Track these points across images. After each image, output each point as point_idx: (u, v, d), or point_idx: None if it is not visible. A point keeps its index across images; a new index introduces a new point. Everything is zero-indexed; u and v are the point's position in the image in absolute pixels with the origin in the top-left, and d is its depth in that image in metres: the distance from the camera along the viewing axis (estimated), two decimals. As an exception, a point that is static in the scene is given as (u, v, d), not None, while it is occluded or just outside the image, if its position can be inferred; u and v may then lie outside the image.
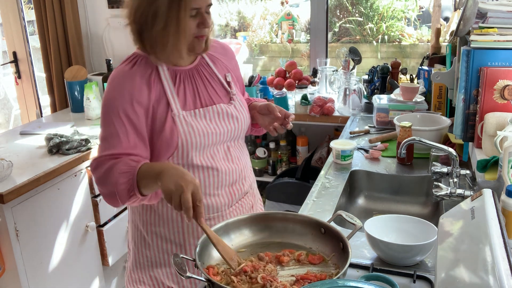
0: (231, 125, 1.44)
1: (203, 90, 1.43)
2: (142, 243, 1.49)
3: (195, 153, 1.37)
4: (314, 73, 3.12)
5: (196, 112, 1.39)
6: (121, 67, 1.37)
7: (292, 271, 1.13)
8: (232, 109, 1.45)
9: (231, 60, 1.57)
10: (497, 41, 1.42)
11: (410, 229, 1.29)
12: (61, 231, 2.23)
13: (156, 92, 1.35)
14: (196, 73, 1.44)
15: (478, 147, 1.48)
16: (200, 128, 1.37)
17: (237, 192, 1.49)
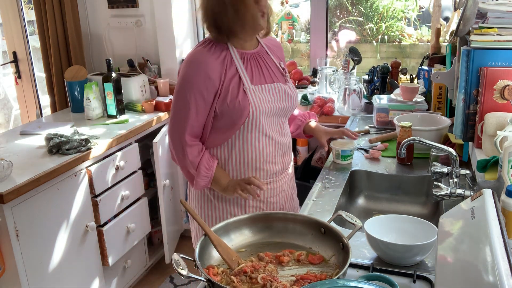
0: (286, 102, 1.69)
1: (266, 70, 1.68)
2: (209, 205, 1.74)
3: (264, 121, 1.63)
4: (314, 73, 3.12)
5: (262, 87, 1.64)
6: (199, 49, 1.61)
7: (292, 271, 1.13)
8: (288, 89, 1.70)
9: (280, 51, 1.81)
10: (497, 41, 1.42)
11: (410, 229, 1.29)
12: (61, 231, 2.23)
13: (231, 70, 1.60)
14: (258, 56, 1.68)
15: (478, 147, 1.48)
16: (267, 100, 1.63)
17: (286, 162, 1.77)
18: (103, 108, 2.88)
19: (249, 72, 1.63)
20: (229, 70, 1.59)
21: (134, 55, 3.24)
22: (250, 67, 1.64)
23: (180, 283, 2.90)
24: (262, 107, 1.61)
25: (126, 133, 2.59)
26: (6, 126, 4.81)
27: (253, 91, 1.61)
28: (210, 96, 1.58)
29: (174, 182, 2.93)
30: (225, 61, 1.59)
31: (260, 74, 1.65)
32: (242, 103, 1.58)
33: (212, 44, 1.62)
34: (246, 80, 1.61)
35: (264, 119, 1.63)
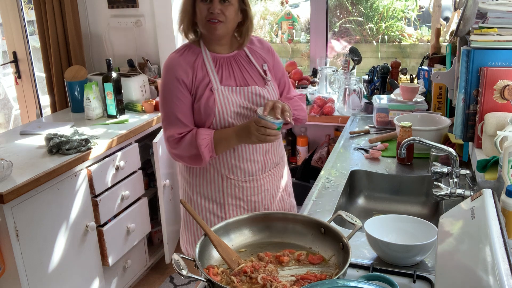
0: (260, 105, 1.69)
1: (239, 74, 1.70)
2: (189, 202, 1.79)
3: (231, 120, 1.65)
4: (314, 73, 3.12)
5: (232, 88, 1.67)
6: (171, 56, 1.71)
7: (292, 271, 1.13)
8: (265, 92, 1.71)
9: (268, 53, 1.81)
10: (497, 41, 1.42)
11: (410, 229, 1.29)
12: (61, 231, 2.23)
13: (200, 73, 1.66)
14: (233, 60, 1.72)
15: (478, 147, 1.48)
16: (235, 100, 1.65)
17: (270, 160, 1.77)
18: (103, 108, 2.88)
19: (219, 74, 1.68)
20: (200, 72, 1.66)
21: (134, 55, 3.24)
22: (221, 70, 1.69)
23: (180, 283, 2.90)
24: (230, 108, 1.64)
25: (126, 133, 2.59)
26: (6, 126, 4.81)
27: (221, 92, 1.65)
28: (187, 97, 1.66)
29: (174, 182, 2.93)
30: (196, 63, 1.67)
31: (231, 77, 1.69)
32: (208, 103, 1.64)
33: (186, 49, 1.71)
34: (215, 81, 1.66)
35: (235, 118, 1.66)
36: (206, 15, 1.60)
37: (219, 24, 1.61)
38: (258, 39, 1.84)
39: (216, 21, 1.60)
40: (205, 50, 1.70)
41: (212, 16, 1.59)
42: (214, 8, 1.59)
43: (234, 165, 1.71)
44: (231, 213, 1.76)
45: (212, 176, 1.74)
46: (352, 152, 2.11)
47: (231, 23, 1.64)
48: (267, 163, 1.77)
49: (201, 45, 1.71)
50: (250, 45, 1.78)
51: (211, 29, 1.62)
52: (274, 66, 1.81)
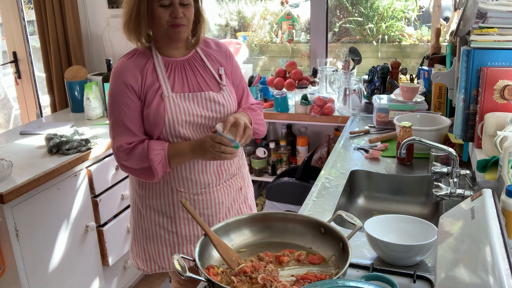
0: (217, 112, 1.61)
1: (192, 79, 1.62)
2: (139, 215, 1.71)
3: (182, 130, 1.56)
4: (314, 73, 3.12)
5: (184, 95, 1.58)
6: (119, 61, 1.61)
7: (292, 271, 1.13)
8: (220, 97, 1.62)
9: (225, 57, 1.71)
10: (497, 41, 1.42)
11: (410, 229, 1.29)
12: (61, 231, 2.23)
13: (150, 78, 1.57)
14: (187, 64, 1.63)
15: (478, 147, 1.48)
16: (186, 108, 1.56)
17: (225, 172, 1.68)
18: (103, 108, 2.88)
19: (171, 80, 1.59)
20: (149, 78, 1.57)
21: (134, 55, 3.24)
22: (173, 75, 1.60)
23: (180, 283, 2.90)
24: (181, 116, 1.55)
25: (126, 133, 2.59)
26: (6, 126, 4.81)
27: (173, 99, 1.56)
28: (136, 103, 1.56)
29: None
30: (146, 68, 1.57)
31: (184, 82, 1.60)
32: (158, 110, 1.54)
33: (136, 53, 1.61)
34: (166, 87, 1.57)
35: (186, 128, 1.57)
36: (168, 20, 1.51)
37: (182, 28, 1.53)
38: (215, 42, 1.74)
39: (179, 25, 1.52)
40: (156, 54, 1.60)
41: (175, 21, 1.51)
42: (177, 12, 1.50)
43: (184, 177, 1.62)
44: (182, 227, 1.67)
45: (161, 188, 1.64)
46: (352, 152, 2.11)
47: (191, 25, 1.58)
48: (221, 175, 1.67)
49: (152, 49, 1.60)
50: (206, 47, 1.69)
51: (174, 34, 1.53)
52: (232, 72, 1.72)
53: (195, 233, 1.68)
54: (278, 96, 2.88)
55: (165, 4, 1.50)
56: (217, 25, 3.83)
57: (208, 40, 1.73)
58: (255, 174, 3.15)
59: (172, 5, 1.51)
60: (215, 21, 3.78)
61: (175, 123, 1.55)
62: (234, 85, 1.72)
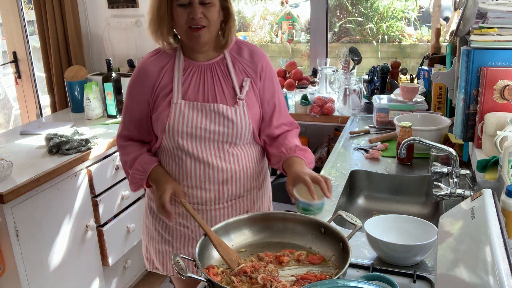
0: (225, 127, 1.48)
1: (210, 86, 1.50)
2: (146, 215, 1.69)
3: (182, 141, 1.47)
4: (314, 73, 3.12)
5: (194, 104, 1.47)
6: (145, 57, 1.56)
7: (292, 271, 1.13)
8: (232, 112, 1.48)
9: (256, 69, 1.55)
10: (497, 41, 1.42)
11: (410, 229, 1.29)
12: (61, 231, 2.23)
13: (165, 80, 1.50)
14: (208, 69, 1.51)
15: (478, 147, 1.48)
16: (190, 118, 1.46)
17: (227, 192, 1.53)
18: (103, 108, 2.88)
19: (186, 85, 1.49)
20: (165, 79, 1.50)
21: (134, 55, 3.24)
22: (190, 80, 1.50)
23: (180, 283, 2.90)
24: (182, 127, 1.46)
25: (126, 133, 2.59)
26: (6, 126, 4.81)
27: (179, 108, 1.47)
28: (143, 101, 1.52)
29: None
30: (164, 69, 1.51)
31: (199, 89, 1.49)
32: (162, 117, 1.48)
33: (160, 51, 1.54)
34: (177, 93, 1.48)
35: (187, 139, 1.47)
36: (187, 21, 1.41)
37: (202, 30, 1.41)
38: (251, 50, 1.57)
39: (199, 27, 1.41)
40: (179, 56, 1.52)
41: (193, 21, 1.40)
42: (195, 12, 1.39)
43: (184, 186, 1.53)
44: (178, 239, 1.60)
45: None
46: (352, 152, 2.11)
47: (214, 26, 1.45)
48: (223, 195, 1.53)
49: (177, 49, 1.52)
50: (237, 54, 1.55)
51: (193, 37, 1.43)
52: (264, 86, 1.56)
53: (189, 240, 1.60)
54: (278, 96, 2.88)
55: (184, 3, 1.40)
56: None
57: (243, 47, 1.57)
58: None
59: (191, 4, 1.40)
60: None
61: (175, 133, 1.47)
62: (264, 101, 1.57)
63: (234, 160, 1.51)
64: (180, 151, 1.49)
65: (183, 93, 1.48)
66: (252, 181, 1.58)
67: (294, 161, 1.46)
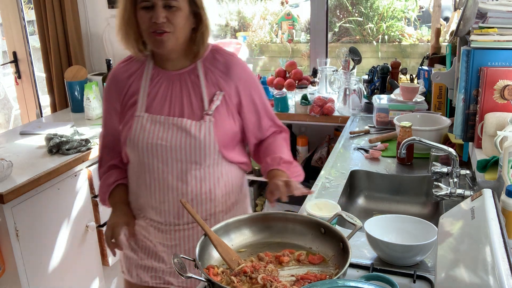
0: (187, 144, 1.36)
1: (177, 99, 1.39)
2: None
3: (143, 157, 1.39)
4: (314, 73, 3.12)
5: (158, 118, 1.38)
6: (116, 64, 1.50)
7: (292, 271, 1.13)
8: (196, 129, 1.36)
9: (231, 82, 1.42)
10: (497, 41, 1.42)
11: (410, 229, 1.29)
12: (61, 231, 2.23)
13: (133, 88, 1.42)
14: (178, 79, 1.40)
15: (478, 147, 1.48)
16: (152, 134, 1.37)
17: (187, 215, 1.42)
18: (103, 108, 2.88)
19: (152, 96, 1.40)
20: (132, 88, 1.42)
21: (134, 55, 3.24)
22: (156, 91, 1.40)
23: (180, 283, 2.90)
24: (142, 142, 1.37)
25: (126, 133, 2.59)
26: (6, 126, 4.81)
27: (142, 120, 1.38)
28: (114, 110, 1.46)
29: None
30: (132, 77, 1.42)
31: (165, 102, 1.39)
32: (126, 128, 1.41)
33: (130, 59, 1.46)
34: (141, 104, 1.39)
35: (149, 154, 1.38)
36: (149, 25, 1.30)
37: (166, 35, 1.30)
38: (227, 62, 1.43)
39: (161, 32, 1.30)
40: (149, 63, 1.42)
41: (155, 26, 1.29)
42: (157, 16, 1.28)
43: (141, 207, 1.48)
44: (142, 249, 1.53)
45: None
46: (352, 152, 2.11)
47: (181, 32, 1.33)
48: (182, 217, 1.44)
49: (148, 57, 1.43)
50: (211, 64, 1.42)
51: (156, 42, 1.32)
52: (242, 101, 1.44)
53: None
54: (278, 96, 2.88)
55: (147, 6, 1.30)
56: (217, 25, 3.83)
57: (218, 57, 1.44)
58: (255, 174, 3.15)
59: (154, 7, 1.29)
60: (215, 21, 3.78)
61: (135, 148, 1.39)
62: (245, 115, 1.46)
63: (196, 183, 1.41)
64: (141, 167, 1.42)
65: (148, 105, 1.39)
66: (218, 205, 1.46)
67: (276, 174, 1.38)
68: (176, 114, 1.38)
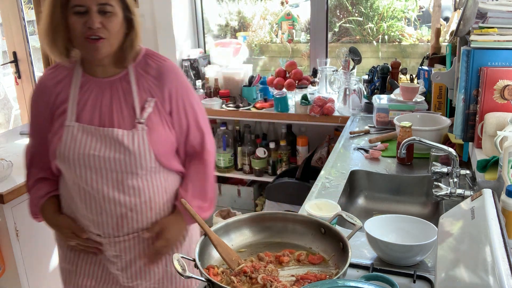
0: (121, 155, 1.31)
1: (108, 107, 1.33)
2: None
3: (75, 169, 1.32)
4: (314, 73, 3.12)
5: (89, 128, 1.32)
6: (44, 72, 1.41)
7: (292, 271, 1.13)
8: (129, 139, 1.31)
9: (164, 88, 1.36)
10: (497, 41, 1.42)
11: (410, 229, 1.29)
12: (61, 231, 2.23)
13: (61, 96, 1.34)
14: (109, 87, 1.35)
15: (478, 147, 1.48)
16: (84, 145, 1.31)
17: (127, 226, 1.37)
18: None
19: (81, 104, 1.33)
20: (60, 97, 1.35)
21: (134, 55, 3.24)
22: (86, 99, 1.33)
23: (180, 283, 2.89)
24: (74, 153, 1.31)
25: (126, 133, 2.59)
26: (6, 126, 4.81)
27: (73, 131, 1.31)
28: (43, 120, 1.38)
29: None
30: (61, 85, 1.35)
31: (95, 111, 1.33)
32: (54, 140, 1.34)
33: (57, 66, 1.39)
34: (71, 114, 1.32)
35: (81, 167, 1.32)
36: (83, 31, 1.24)
37: (101, 42, 1.25)
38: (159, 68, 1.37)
39: (96, 38, 1.25)
40: (78, 70, 1.35)
41: (90, 32, 1.24)
42: (92, 22, 1.22)
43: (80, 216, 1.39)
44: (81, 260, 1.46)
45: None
46: (352, 152, 2.11)
47: (115, 38, 1.29)
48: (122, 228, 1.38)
49: (77, 62, 1.36)
50: (143, 70, 1.37)
51: (91, 49, 1.26)
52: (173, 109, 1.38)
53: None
54: (278, 96, 2.88)
55: (80, 11, 1.23)
56: (217, 25, 3.83)
57: (150, 62, 1.38)
58: (255, 174, 3.15)
59: (88, 12, 1.23)
60: (215, 21, 3.78)
61: (66, 160, 1.32)
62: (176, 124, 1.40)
63: (134, 192, 1.35)
64: (74, 179, 1.34)
65: (78, 114, 1.32)
66: (159, 212, 1.41)
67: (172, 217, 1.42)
68: (106, 124, 1.32)
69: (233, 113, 3.01)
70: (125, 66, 1.36)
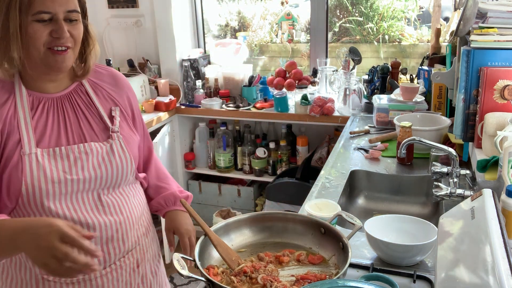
0: (101, 170, 1.18)
1: (74, 124, 1.19)
2: None
3: (49, 202, 1.12)
4: (314, 73, 3.12)
5: (55, 150, 1.14)
6: None
7: (292, 271, 1.13)
8: (108, 150, 1.20)
9: (123, 93, 1.29)
10: (497, 41, 1.42)
11: (410, 229, 1.29)
12: (61, 231, 2.22)
13: (8, 124, 1.12)
14: (67, 102, 1.20)
15: (478, 147, 1.48)
16: (56, 171, 1.12)
17: (114, 251, 1.21)
18: (103, 108, 2.88)
19: (40, 127, 1.14)
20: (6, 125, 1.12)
21: (134, 55, 3.24)
22: (45, 120, 1.15)
23: (180, 283, 2.90)
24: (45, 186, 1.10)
25: (126, 133, 2.58)
26: None
27: (36, 158, 1.11)
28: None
29: (174, 182, 2.92)
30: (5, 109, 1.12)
31: (60, 131, 1.16)
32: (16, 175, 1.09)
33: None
34: (28, 140, 1.11)
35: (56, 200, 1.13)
36: (48, 41, 1.08)
37: (68, 52, 1.11)
38: (111, 73, 1.30)
39: (64, 48, 1.10)
40: (20, 88, 1.14)
41: (58, 42, 1.08)
42: (62, 31, 1.08)
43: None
44: None
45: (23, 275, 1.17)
46: (352, 152, 2.12)
47: (78, 48, 1.16)
48: (109, 256, 1.20)
49: (15, 80, 1.14)
50: (96, 78, 1.26)
51: (55, 62, 1.10)
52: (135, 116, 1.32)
53: None
54: (278, 96, 2.88)
55: (44, 19, 1.07)
56: (217, 25, 3.83)
57: (99, 70, 1.28)
58: (255, 174, 3.15)
59: (55, 20, 1.08)
60: (215, 21, 3.78)
61: (36, 195, 1.10)
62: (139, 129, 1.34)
63: (116, 210, 1.21)
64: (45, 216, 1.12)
65: (38, 139, 1.13)
66: (140, 227, 1.29)
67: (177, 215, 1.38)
68: (76, 141, 1.18)
69: (233, 113, 3.01)
70: (78, 79, 1.23)
